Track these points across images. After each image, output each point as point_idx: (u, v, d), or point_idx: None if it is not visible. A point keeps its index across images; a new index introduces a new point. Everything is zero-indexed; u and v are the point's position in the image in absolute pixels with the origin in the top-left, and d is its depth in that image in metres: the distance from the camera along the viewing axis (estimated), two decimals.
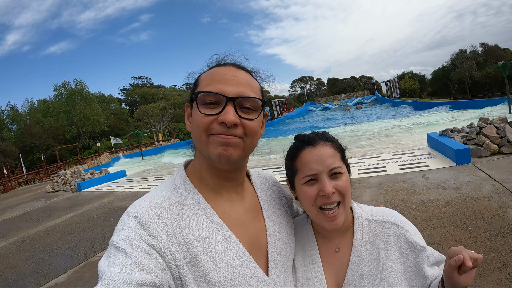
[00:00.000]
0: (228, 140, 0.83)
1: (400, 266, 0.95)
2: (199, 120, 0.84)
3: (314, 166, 0.96)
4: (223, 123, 0.82)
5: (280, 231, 0.99)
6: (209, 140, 0.84)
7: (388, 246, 0.97)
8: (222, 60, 0.95)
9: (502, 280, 2.76)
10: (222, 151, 0.83)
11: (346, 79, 78.79)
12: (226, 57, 0.96)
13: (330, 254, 1.04)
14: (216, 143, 0.83)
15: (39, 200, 13.18)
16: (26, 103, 54.31)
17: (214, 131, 0.83)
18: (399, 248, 0.96)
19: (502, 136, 6.83)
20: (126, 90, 77.55)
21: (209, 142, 0.84)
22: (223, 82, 0.85)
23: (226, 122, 0.81)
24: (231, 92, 0.84)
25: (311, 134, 1.05)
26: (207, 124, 0.83)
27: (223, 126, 0.82)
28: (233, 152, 0.84)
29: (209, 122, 0.83)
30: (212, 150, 0.84)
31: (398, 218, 1.02)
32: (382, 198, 5.37)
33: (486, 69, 44.49)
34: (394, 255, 0.96)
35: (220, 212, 0.89)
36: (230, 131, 0.83)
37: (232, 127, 0.82)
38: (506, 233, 3.49)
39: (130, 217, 0.79)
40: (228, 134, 0.83)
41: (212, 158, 0.84)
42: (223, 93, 0.83)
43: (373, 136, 13.63)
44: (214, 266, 0.79)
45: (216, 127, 0.83)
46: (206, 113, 0.83)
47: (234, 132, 0.83)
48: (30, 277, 4.94)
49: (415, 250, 0.95)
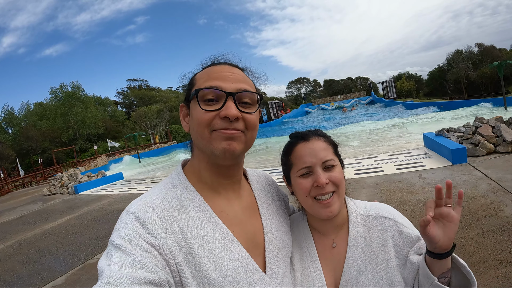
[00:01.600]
0: (231, 135, 0.84)
1: (395, 259, 0.97)
2: (201, 116, 0.85)
3: (308, 159, 0.99)
4: (225, 118, 0.83)
5: (277, 229, 1.00)
6: (212, 136, 0.85)
7: (383, 240, 0.99)
8: (216, 60, 0.97)
9: (499, 278, 2.79)
10: (226, 146, 0.84)
11: (342, 80, 78.99)
12: (219, 58, 0.98)
13: (327, 250, 1.06)
14: (219, 139, 0.84)
15: (36, 203, 13.12)
16: (23, 106, 54.07)
17: (216, 127, 0.84)
18: (393, 241, 0.98)
19: (498, 136, 6.88)
20: (123, 92, 77.39)
21: (212, 138, 0.85)
22: (221, 79, 0.86)
23: (229, 116, 0.82)
24: (230, 88, 0.85)
25: (305, 131, 1.08)
26: (209, 120, 0.84)
27: (225, 121, 0.83)
28: (237, 146, 0.86)
29: (211, 118, 0.84)
30: (216, 145, 0.85)
31: (391, 212, 1.05)
32: (378, 198, 5.39)
33: (482, 69, 44.76)
34: (389, 248, 0.98)
35: (218, 210, 0.90)
36: (233, 125, 0.84)
37: (234, 121, 0.84)
38: (502, 231, 3.52)
39: (129, 215, 0.80)
40: (231, 128, 0.84)
41: (217, 154, 0.85)
42: (222, 89, 0.84)
43: (369, 137, 13.69)
44: (213, 263, 0.80)
45: (219, 122, 0.84)
46: (207, 109, 0.84)
47: (236, 126, 0.85)
48: (27, 280, 4.91)
49: (409, 242, 0.97)
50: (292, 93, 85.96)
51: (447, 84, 52.73)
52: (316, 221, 1.08)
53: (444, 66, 56.37)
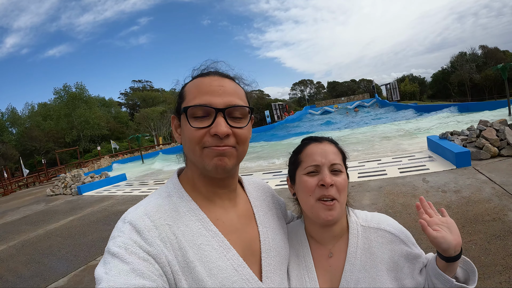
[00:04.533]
0: (223, 151, 0.85)
1: (395, 273, 0.97)
2: (191, 134, 0.85)
3: (318, 158, 1.00)
4: (215, 135, 0.83)
5: (273, 237, 1.00)
6: (204, 152, 0.85)
7: (382, 254, 0.99)
8: (205, 70, 0.96)
9: (502, 283, 2.76)
10: (217, 162, 0.85)
11: (346, 82, 78.82)
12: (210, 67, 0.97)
13: (324, 259, 1.05)
14: (211, 155, 0.85)
15: (39, 204, 13.18)
16: (26, 106, 54.53)
17: (207, 144, 0.84)
18: (393, 256, 0.98)
19: (502, 139, 6.83)
20: (127, 93, 77.66)
21: (203, 154, 0.85)
22: (210, 93, 0.86)
23: (219, 133, 0.83)
24: (219, 103, 0.85)
25: (318, 135, 1.11)
26: (200, 137, 0.84)
27: (216, 138, 0.84)
28: (228, 161, 0.86)
29: (201, 136, 0.84)
30: (207, 161, 0.85)
31: (393, 226, 1.04)
32: (382, 201, 5.37)
33: (485, 71, 44.57)
34: (388, 262, 0.98)
35: (214, 218, 0.90)
36: (223, 141, 0.84)
37: (225, 137, 0.84)
38: (506, 236, 3.49)
39: (125, 224, 0.80)
40: (221, 145, 0.84)
41: (208, 169, 0.86)
42: (211, 105, 0.84)
43: (372, 139, 13.65)
44: (208, 272, 0.80)
45: (209, 140, 0.84)
46: (197, 126, 0.84)
47: (227, 142, 0.85)
48: (30, 280, 4.93)
49: (409, 258, 0.98)
50: (295, 95, 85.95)
51: (450, 86, 52.53)
52: (314, 229, 1.07)
53: (447, 69, 56.19)
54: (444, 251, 0.89)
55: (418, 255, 0.99)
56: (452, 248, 0.88)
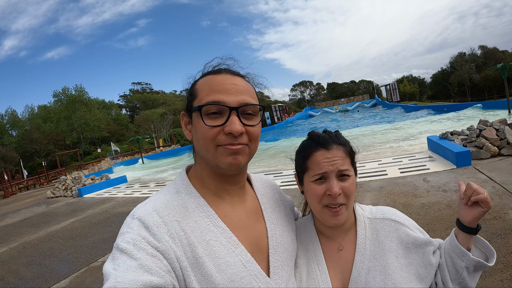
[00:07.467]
0: (237, 150, 0.86)
1: (404, 260, 0.99)
2: (205, 132, 0.85)
3: (325, 166, 0.99)
4: (230, 134, 0.84)
5: (281, 234, 1.01)
6: (218, 151, 0.86)
7: (390, 242, 1.02)
8: (216, 67, 0.96)
9: (504, 281, 2.77)
10: (232, 160, 0.86)
11: (346, 84, 79.00)
12: (221, 64, 0.97)
13: (334, 253, 1.07)
14: (225, 154, 0.86)
15: (40, 206, 13.18)
16: (26, 109, 54.57)
17: (222, 142, 0.85)
18: (402, 243, 1.01)
19: (502, 138, 6.85)
20: (126, 96, 77.71)
21: (217, 152, 0.86)
22: (223, 92, 0.86)
23: (233, 132, 0.83)
24: (233, 101, 0.86)
25: (325, 136, 1.06)
26: (214, 135, 0.85)
27: (230, 136, 0.84)
28: (242, 159, 0.88)
29: (215, 134, 0.85)
30: (222, 160, 0.86)
31: (398, 215, 1.07)
32: (383, 201, 5.37)
33: (485, 71, 44.60)
34: (397, 250, 1.00)
35: (222, 215, 0.90)
36: (237, 140, 0.85)
37: (239, 136, 0.85)
38: (507, 234, 3.50)
39: (134, 220, 0.80)
40: (236, 143, 0.85)
41: (222, 167, 0.87)
42: (225, 103, 0.85)
43: (373, 140, 13.65)
44: (217, 268, 0.80)
45: (224, 138, 0.85)
46: (211, 124, 0.85)
47: (241, 141, 0.86)
48: (31, 282, 4.93)
49: (417, 244, 1.00)
50: (295, 96, 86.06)
51: (450, 87, 52.54)
52: (323, 226, 1.09)
53: (447, 69, 56.21)
54: (477, 217, 0.97)
55: (425, 240, 1.01)
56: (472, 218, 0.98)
